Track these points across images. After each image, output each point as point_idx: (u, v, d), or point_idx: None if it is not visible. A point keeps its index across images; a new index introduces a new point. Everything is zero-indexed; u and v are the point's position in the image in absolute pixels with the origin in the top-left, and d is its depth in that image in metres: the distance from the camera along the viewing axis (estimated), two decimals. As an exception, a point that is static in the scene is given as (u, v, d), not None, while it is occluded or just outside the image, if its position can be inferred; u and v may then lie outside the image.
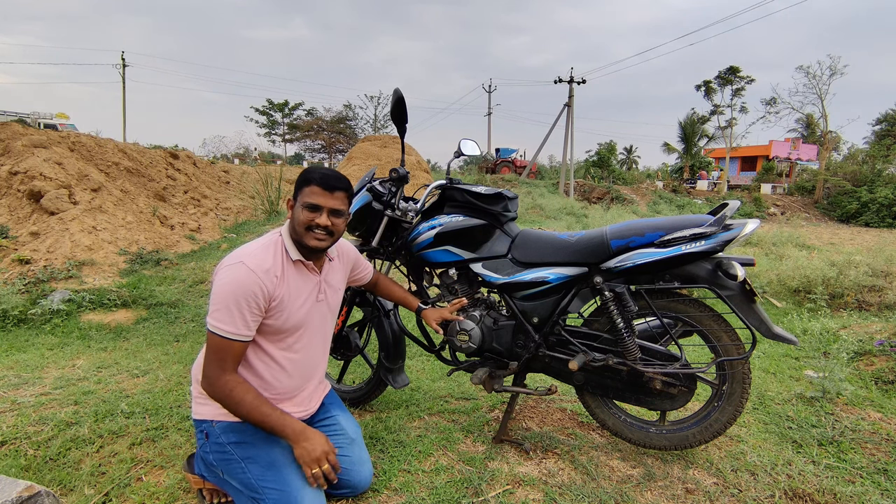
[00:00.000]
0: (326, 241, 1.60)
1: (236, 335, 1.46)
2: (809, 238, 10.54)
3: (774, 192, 26.67)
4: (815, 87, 26.82)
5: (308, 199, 1.55)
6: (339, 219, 1.61)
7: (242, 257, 1.50)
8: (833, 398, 2.52)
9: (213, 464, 1.57)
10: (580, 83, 25.36)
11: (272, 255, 1.56)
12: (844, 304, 4.92)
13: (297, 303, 1.61)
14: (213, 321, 1.45)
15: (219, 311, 1.45)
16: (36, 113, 25.59)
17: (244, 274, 1.46)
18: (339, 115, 41.98)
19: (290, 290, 1.59)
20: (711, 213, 1.73)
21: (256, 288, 1.47)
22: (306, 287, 1.65)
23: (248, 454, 1.52)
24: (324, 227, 1.56)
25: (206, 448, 1.58)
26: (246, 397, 1.48)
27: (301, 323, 1.64)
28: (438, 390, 2.63)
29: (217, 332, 1.45)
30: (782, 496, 1.76)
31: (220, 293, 1.45)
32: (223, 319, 1.44)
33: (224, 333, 1.44)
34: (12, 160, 6.03)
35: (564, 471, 1.88)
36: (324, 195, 1.56)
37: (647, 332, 1.90)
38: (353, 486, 1.67)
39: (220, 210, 9.03)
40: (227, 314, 1.44)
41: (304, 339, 1.68)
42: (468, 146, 2.22)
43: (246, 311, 1.46)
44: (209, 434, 1.57)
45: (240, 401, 1.47)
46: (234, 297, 1.44)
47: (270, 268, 1.52)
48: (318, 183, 1.56)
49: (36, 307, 4.01)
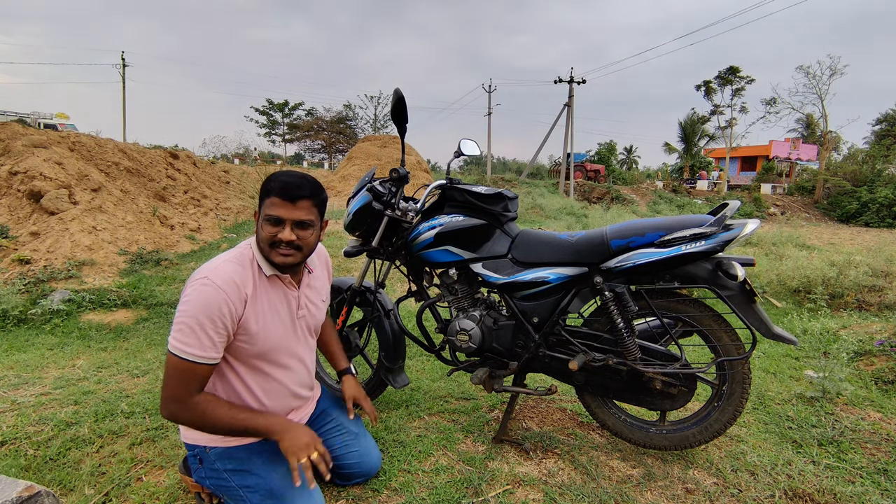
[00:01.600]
0: (294, 256, 1.46)
1: (202, 358, 1.35)
2: (809, 238, 10.54)
3: (774, 192, 26.68)
4: (814, 87, 26.84)
5: (269, 212, 1.41)
6: (307, 230, 1.46)
7: (208, 273, 1.38)
8: (833, 398, 2.52)
9: (211, 488, 1.53)
10: (580, 83, 25.39)
11: (241, 269, 1.43)
12: (844, 304, 4.92)
13: (272, 323, 1.49)
14: (176, 342, 1.33)
15: (181, 331, 1.33)
16: (36, 113, 25.60)
17: (210, 291, 1.34)
18: (339, 115, 42.07)
19: (264, 308, 1.47)
20: (711, 213, 1.73)
21: (224, 306, 1.35)
22: (283, 304, 1.54)
23: (246, 483, 1.46)
24: (287, 241, 1.42)
25: (201, 472, 1.53)
26: (218, 412, 1.39)
27: (278, 345, 1.53)
28: (438, 390, 2.63)
29: (180, 355, 1.33)
30: (782, 496, 1.76)
31: (184, 312, 1.34)
32: (187, 341, 1.33)
33: (189, 357, 1.33)
34: (12, 160, 6.03)
35: (564, 471, 1.88)
36: (284, 206, 1.40)
37: (647, 332, 1.90)
38: (365, 472, 1.74)
39: (220, 210, 9.03)
40: (192, 335, 1.33)
41: (283, 362, 1.57)
42: (468, 146, 2.22)
43: (212, 331, 1.34)
44: (203, 459, 1.51)
45: (215, 419, 1.39)
46: (198, 316, 1.33)
47: (240, 284, 1.40)
48: (277, 193, 1.40)
49: (36, 307, 4.01)
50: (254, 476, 1.47)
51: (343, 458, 1.71)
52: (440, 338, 2.25)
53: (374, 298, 2.26)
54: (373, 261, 2.27)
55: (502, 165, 67.96)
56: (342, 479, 1.74)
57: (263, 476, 1.47)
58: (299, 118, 42.83)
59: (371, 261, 2.28)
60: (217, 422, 1.40)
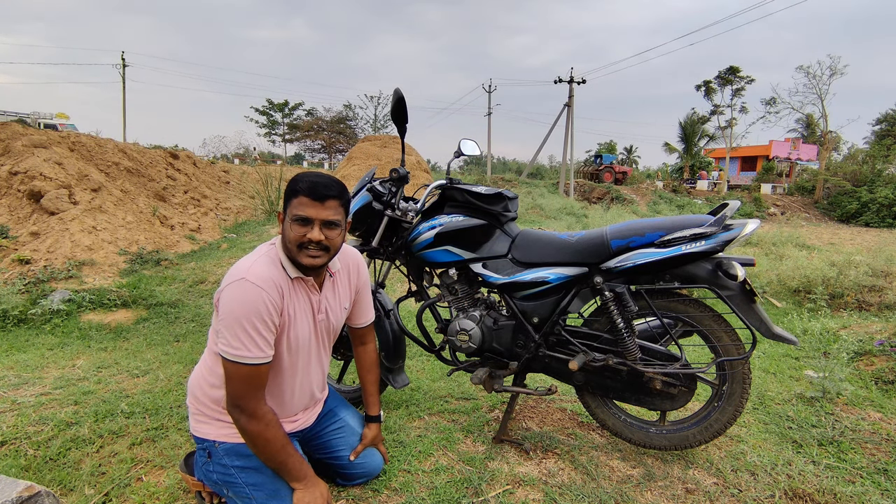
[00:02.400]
0: (321, 258, 1.46)
1: (260, 358, 1.37)
2: (809, 238, 10.54)
3: (774, 192, 26.69)
4: (814, 87, 26.88)
5: (297, 212, 1.41)
6: (334, 231, 1.46)
7: (243, 273, 1.38)
8: (833, 398, 2.52)
9: (217, 482, 1.54)
10: (580, 83, 25.39)
11: (274, 268, 1.44)
12: (844, 304, 4.92)
13: (300, 324, 1.51)
14: (230, 350, 1.34)
15: (235, 337, 1.34)
16: (36, 113, 25.61)
17: (250, 290, 1.35)
18: (339, 115, 42.08)
19: (295, 309, 1.49)
20: (711, 213, 1.73)
21: (268, 303, 1.37)
22: (306, 307, 1.54)
23: (253, 480, 1.47)
24: (316, 242, 1.42)
25: (209, 467, 1.53)
26: (277, 436, 1.42)
27: (303, 347, 1.54)
28: (438, 390, 2.63)
29: (239, 361, 1.34)
30: (782, 496, 1.76)
31: (229, 317, 1.34)
32: (240, 346, 1.34)
33: (247, 360, 1.35)
34: (12, 160, 6.04)
35: (564, 471, 1.88)
36: (314, 206, 1.41)
37: (647, 332, 1.90)
38: (368, 473, 1.75)
39: (220, 210, 9.03)
40: (246, 338, 1.34)
41: (305, 364, 1.59)
42: (468, 146, 2.22)
43: (262, 329, 1.36)
44: (212, 454, 1.51)
45: (269, 439, 1.41)
46: (245, 318, 1.34)
47: (276, 280, 1.41)
48: (306, 193, 1.40)
49: (36, 307, 4.01)
50: (261, 475, 1.48)
51: (346, 458, 1.72)
52: (440, 338, 2.25)
53: (374, 298, 2.26)
54: (373, 261, 2.28)
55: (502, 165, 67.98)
56: (345, 480, 1.75)
57: (270, 475, 1.48)
58: (299, 118, 42.86)
59: (371, 261, 2.28)
60: (269, 443, 1.41)
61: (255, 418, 1.39)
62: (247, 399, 1.38)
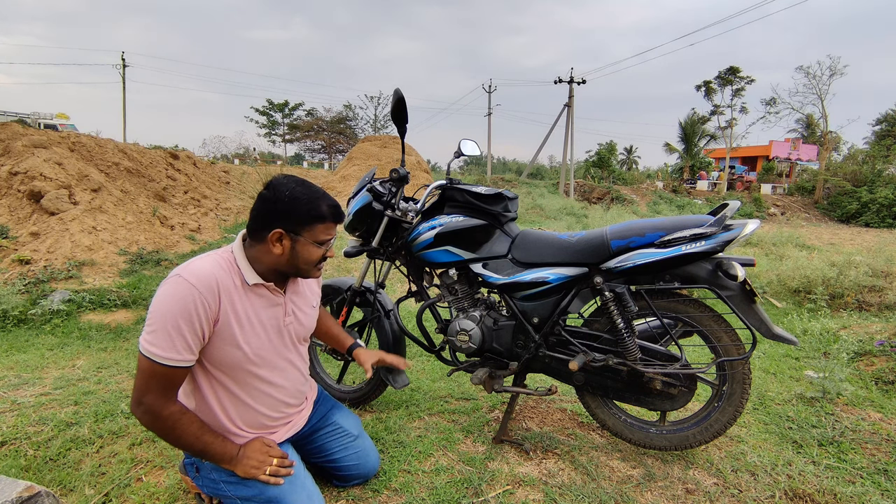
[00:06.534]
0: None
1: (176, 361, 1.28)
2: (809, 238, 10.54)
3: (774, 192, 26.70)
4: (814, 87, 26.86)
5: (324, 237, 1.43)
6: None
7: (181, 270, 1.32)
8: (833, 398, 2.52)
9: (210, 495, 1.52)
10: (580, 83, 25.41)
11: (219, 271, 1.37)
12: (844, 305, 4.92)
13: (256, 332, 1.44)
14: (148, 345, 1.27)
15: (155, 332, 1.27)
16: (36, 113, 25.61)
17: (183, 289, 1.28)
18: (339, 115, 42.09)
19: (248, 317, 1.42)
20: (712, 214, 1.73)
21: (198, 305, 1.29)
22: (268, 312, 1.47)
23: (243, 494, 1.43)
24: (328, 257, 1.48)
25: (199, 481, 1.51)
26: (190, 428, 1.35)
27: (263, 356, 1.47)
28: (438, 390, 2.63)
29: (154, 359, 1.27)
30: (782, 496, 1.76)
31: (155, 312, 1.28)
32: (160, 344, 1.27)
33: (160, 360, 1.27)
34: (12, 160, 6.03)
35: (564, 471, 1.88)
36: (334, 228, 1.46)
37: (647, 333, 1.90)
38: (364, 474, 1.75)
39: (220, 210, 9.03)
40: (165, 337, 1.27)
41: (273, 375, 1.51)
42: (468, 146, 2.22)
43: (186, 330, 1.28)
44: (200, 468, 1.49)
45: (181, 433, 1.34)
46: (172, 315, 1.27)
47: (217, 284, 1.34)
48: (332, 219, 1.44)
49: (36, 307, 4.01)
50: (250, 488, 1.44)
51: (342, 460, 1.71)
52: (440, 338, 2.25)
53: (374, 299, 2.26)
54: (373, 261, 2.27)
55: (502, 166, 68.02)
56: (341, 481, 1.74)
57: (260, 486, 1.43)
58: (299, 118, 42.84)
59: (371, 261, 2.28)
60: (182, 436, 1.35)
61: (161, 419, 1.32)
62: (153, 398, 1.30)
